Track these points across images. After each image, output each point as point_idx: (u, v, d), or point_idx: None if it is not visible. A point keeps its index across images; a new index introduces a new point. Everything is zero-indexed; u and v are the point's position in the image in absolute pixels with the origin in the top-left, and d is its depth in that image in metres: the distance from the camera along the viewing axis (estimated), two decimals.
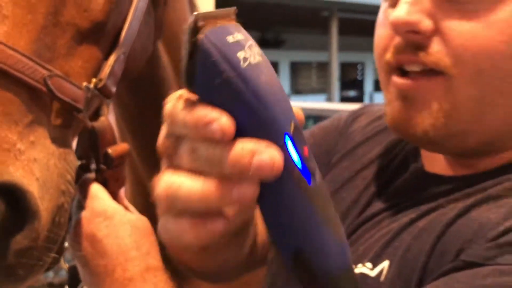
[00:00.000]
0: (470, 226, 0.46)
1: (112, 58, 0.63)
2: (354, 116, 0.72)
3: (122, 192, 0.65)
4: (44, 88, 0.53)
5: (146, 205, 0.94)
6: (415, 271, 0.47)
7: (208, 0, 4.23)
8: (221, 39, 0.32)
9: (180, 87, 0.76)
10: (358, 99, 17.75)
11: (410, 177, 0.58)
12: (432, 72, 0.49)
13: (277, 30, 15.69)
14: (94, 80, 0.60)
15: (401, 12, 0.49)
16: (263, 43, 16.49)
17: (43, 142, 0.53)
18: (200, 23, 0.31)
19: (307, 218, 0.33)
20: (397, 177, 0.60)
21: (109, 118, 0.67)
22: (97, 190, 0.60)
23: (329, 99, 11.74)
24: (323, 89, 16.14)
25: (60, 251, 0.57)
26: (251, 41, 0.34)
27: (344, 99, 17.16)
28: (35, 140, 0.52)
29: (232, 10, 0.35)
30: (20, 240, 0.50)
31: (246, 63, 0.32)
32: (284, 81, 17.43)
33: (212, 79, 0.31)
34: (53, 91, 0.54)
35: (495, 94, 0.50)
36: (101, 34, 0.62)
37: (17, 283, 0.53)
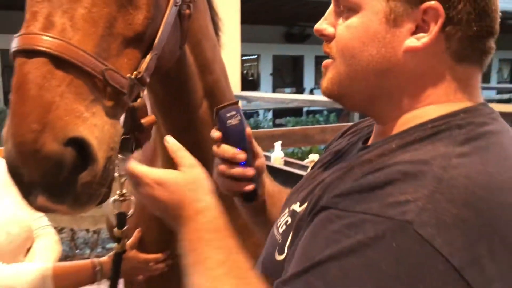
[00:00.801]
0: (342, 180, 0.68)
1: (148, 58, 0.87)
2: (348, 128, 1.00)
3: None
4: (102, 78, 0.77)
5: (169, 162, 1.23)
6: (310, 209, 0.70)
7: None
8: (225, 113, 0.91)
9: (203, 82, 1.07)
10: None
11: (354, 152, 0.82)
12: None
13: (302, 25, 15.72)
14: (135, 73, 0.84)
15: (317, 24, 0.78)
16: (289, 38, 16.54)
17: (100, 114, 0.77)
18: (222, 106, 0.91)
19: None
20: (348, 153, 0.85)
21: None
22: (141, 168, 0.81)
23: None
24: None
25: (109, 189, 0.81)
26: (237, 114, 0.91)
27: None
28: (95, 112, 0.76)
29: (237, 101, 0.97)
30: (84, 176, 0.74)
31: (229, 124, 0.90)
32: (309, 75, 17.42)
33: (219, 125, 0.92)
34: (108, 80, 0.78)
35: (355, 71, 0.74)
36: (140, 41, 0.86)
37: (81, 207, 0.77)
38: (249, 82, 16.82)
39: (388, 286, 0.54)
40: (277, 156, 2.96)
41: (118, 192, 1.02)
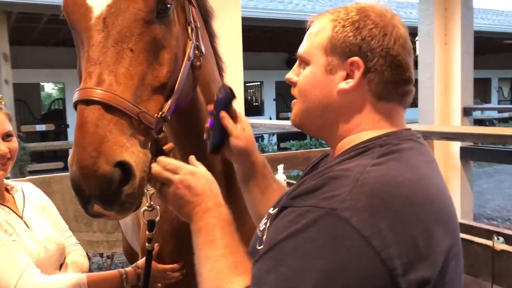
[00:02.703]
0: (298, 187, 0.92)
1: (169, 101, 1.13)
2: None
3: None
4: (137, 118, 1.03)
5: None
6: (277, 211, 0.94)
7: (236, 30, 4.64)
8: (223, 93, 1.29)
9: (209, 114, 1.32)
10: None
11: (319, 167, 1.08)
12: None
13: None
14: (160, 113, 1.10)
15: (287, 74, 1.06)
16: (291, 63, 16.89)
17: (136, 145, 1.03)
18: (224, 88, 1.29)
19: None
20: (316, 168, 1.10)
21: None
22: (177, 162, 1.09)
23: None
24: None
25: (141, 201, 1.05)
26: (221, 94, 1.28)
27: None
28: (133, 143, 1.02)
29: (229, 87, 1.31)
30: (127, 188, 0.99)
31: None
32: None
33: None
34: (141, 120, 1.03)
35: (308, 108, 1.01)
36: (164, 88, 1.12)
37: (125, 212, 1.02)
38: (254, 108, 17.18)
39: (323, 252, 0.78)
40: (279, 179, 3.21)
41: (147, 204, 1.27)
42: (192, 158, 1.14)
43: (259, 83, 17.36)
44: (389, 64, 0.95)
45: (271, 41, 13.66)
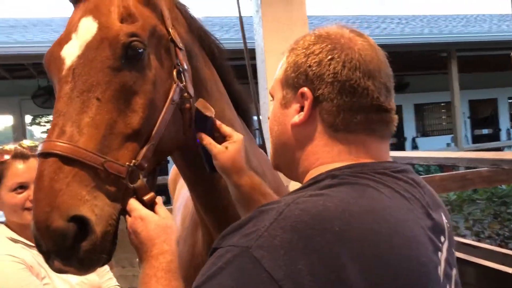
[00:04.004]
0: None
1: (145, 148, 1.08)
2: None
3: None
4: (101, 168, 1.00)
5: (204, 225, 1.40)
6: None
7: None
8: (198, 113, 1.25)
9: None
10: (494, 136, 16.54)
11: None
12: None
13: (401, 74, 15.45)
14: (133, 161, 1.05)
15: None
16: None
17: (102, 197, 0.99)
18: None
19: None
20: None
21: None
22: (134, 203, 1.05)
23: (455, 139, 11.20)
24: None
25: (109, 256, 1.01)
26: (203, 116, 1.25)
27: (477, 137, 16.19)
28: (96, 195, 0.98)
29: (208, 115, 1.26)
30: (85, 245, 0.95)
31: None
32: (410, 124, 16.81)
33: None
34: (107, 169, 1.00)
35: (273, 145, 0.95)
36: (138, 135, 1.07)
37: (86, 269, 0.98)
38: None
39: None
40: None
41: None
42: (157, 201, 1.08)
43: None
44: (338, 90, 0.84)
45: None
